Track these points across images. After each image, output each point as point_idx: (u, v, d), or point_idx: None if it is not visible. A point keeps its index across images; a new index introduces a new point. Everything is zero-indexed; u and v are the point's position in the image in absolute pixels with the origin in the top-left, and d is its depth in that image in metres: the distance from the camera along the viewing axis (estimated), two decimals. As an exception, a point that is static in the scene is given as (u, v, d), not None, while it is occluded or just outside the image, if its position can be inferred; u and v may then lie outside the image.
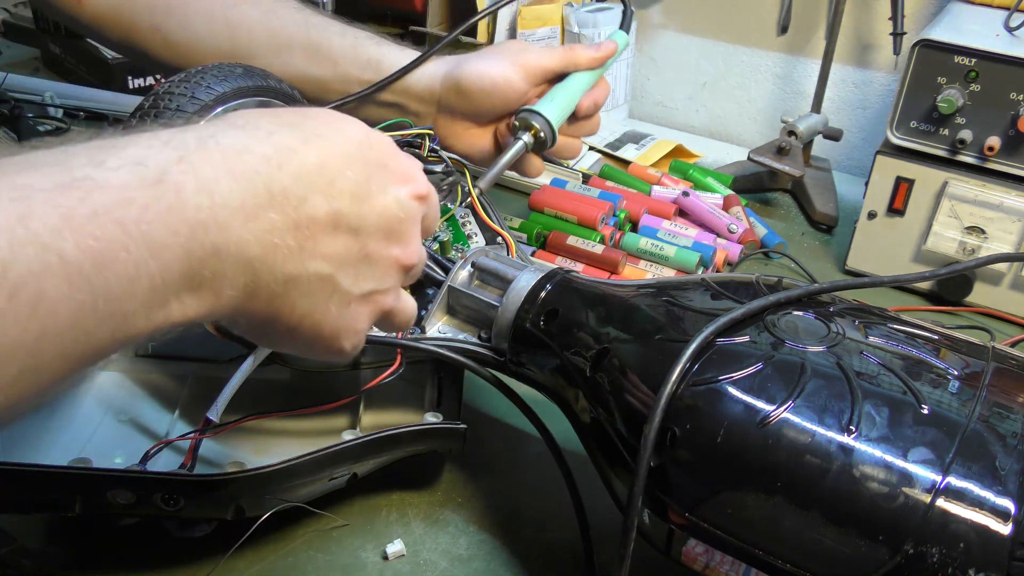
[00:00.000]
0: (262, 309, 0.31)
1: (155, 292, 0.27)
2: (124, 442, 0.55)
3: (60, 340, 0.24)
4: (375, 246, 0.35)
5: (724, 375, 0.40)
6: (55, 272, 0.24)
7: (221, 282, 0.29)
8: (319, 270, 0.32)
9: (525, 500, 0.56)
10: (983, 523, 0.33)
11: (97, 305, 0.25)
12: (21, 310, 0.23)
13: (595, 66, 0.66)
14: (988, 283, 0.77)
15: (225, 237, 0.28)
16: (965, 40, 0.71)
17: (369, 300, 0.37)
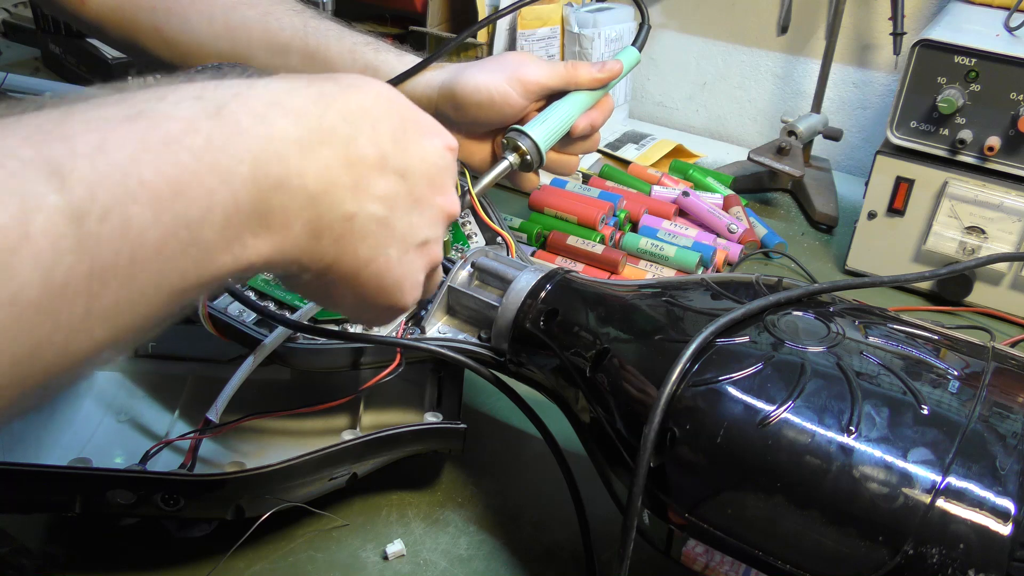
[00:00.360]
0: (327, 251, 0.32)
1: (229, 222, 0.28)
2: (124, 442, 0.55)
3: (150, 268, 0.25)
4: (421, 192, 0.36)
5: (724, 375, 0.40)
6: (138, 197, 0.24)
7: (287, 216, 0.30)
8: (375, 212, 0.33)
9: (525, 500, 0.56)
10: (983, 523, 0.33)
11: (179, 232, 0.26)
12: (113, 233, 0.24)
13: (596, 87, 0.63)
14: (988, 283, 0.77)
15: (286, 169, 0.29)
16: (965, 40, 0.71)
17: (424, 250, 0.37)
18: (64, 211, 0.22)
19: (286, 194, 0.29)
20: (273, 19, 0.65)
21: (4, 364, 0.22)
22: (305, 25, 0.65)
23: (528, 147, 0.60)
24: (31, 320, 0.22)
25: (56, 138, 0.24)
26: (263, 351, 0.51)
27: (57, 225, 0.22)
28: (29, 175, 0.22)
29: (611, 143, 1.05)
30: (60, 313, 0.23)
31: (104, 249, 0.24)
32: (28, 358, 0.23)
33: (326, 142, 0.31)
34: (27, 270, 0.22)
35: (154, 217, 0.25)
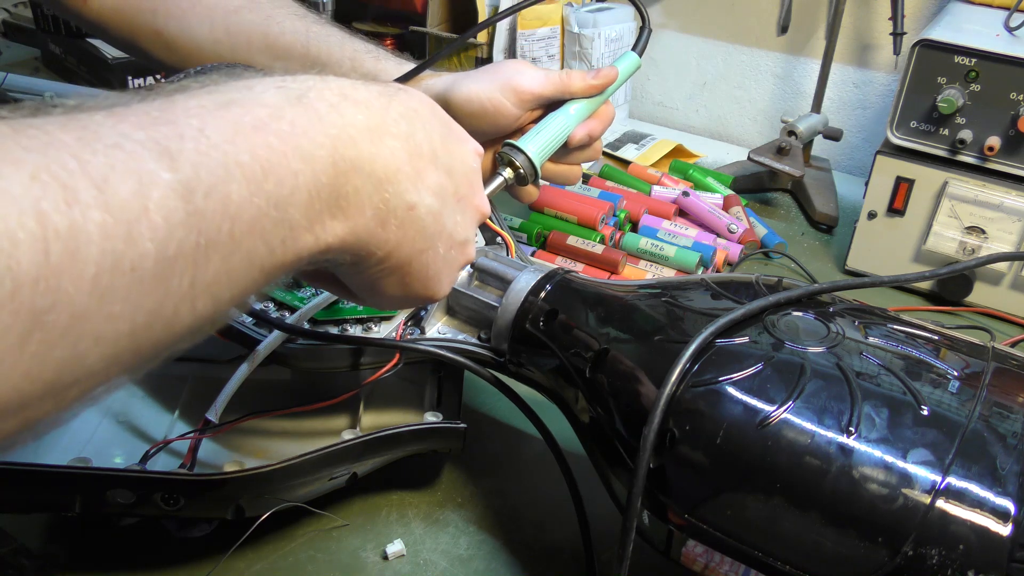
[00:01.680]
0: (391, 238, 0.34)
1: (312, 203, 0.30)
2: (124, 442, 0.55)
3: (245, 244, 0.27)
4: (464, 191, 0.39)
5: (724, 376, 0.40)
6: (236, 177, 0.26)
7: (360, 200, 0.32)
8: (431, 205, 0.36)
9: (525, 500, 0.56)
10: (983, 524, 0.33)
11: (270, 211, 0.28)
12: (215, 209, 0.25)
13: (591, 94, 0.61)
14: (988, 283, 0.77)
15: (358, 153, 0.31)
16: (965, 40, 0.71)
17: (463, 248, 0.40)
18: (175, 188, 0.24)
19: (359, 177, 0.32)
20: (274, 24, 0.65)
21: (124, 332, 0.23)
22: (307, 31, 0.65)
23: (522, 163, 0.58)
24: (148, 289, 0.24)
25: (163, 123, 0.26)
26: (263, 351, 0.51)
27: (169, 200, 0.24)
28: (144, 155, 0.24)
29: (611, 143, 1.05)
30: (171, 283, 0.25)
31: (208, 224, 0.25)
32: (144, 328, 0.24)
33: (390, 133, 0.33)
34: (145, 241, 0.23)
35: (249, 196, 0.27)
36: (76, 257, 0.21)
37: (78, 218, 0.21)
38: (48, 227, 0.21)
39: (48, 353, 0.21)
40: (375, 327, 0.54)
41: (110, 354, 0.23)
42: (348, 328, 0.53)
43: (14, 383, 0.21)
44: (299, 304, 0.54)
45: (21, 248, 0.20)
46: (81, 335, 0.22)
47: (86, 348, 0.22)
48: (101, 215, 0.22)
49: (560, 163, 0.63)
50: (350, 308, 0.54)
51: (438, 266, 0.38)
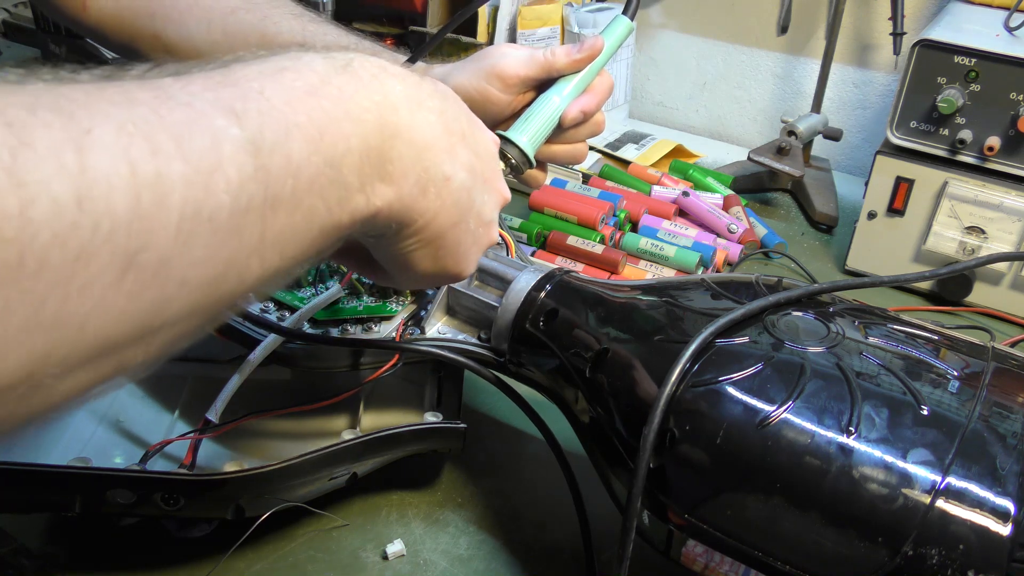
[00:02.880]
0: (431, 207, 0.35)
1: (362, 165, 0.31)
2: (124, 442, 0.55)
3: (305, 201, 0.28)
4: (489, 174, 0.40)
5: (724, 376, 0.40)
6: (295, 136, 0.28)
7: (404, 167, 0.33)
8: (464, 180, 0.37)
9: (525, 500, 0.56)
10: (983, 524, 0.33)
11: (326, 170, 0.29)
12: (279, 165, 0.27)
13: (578, 69, 0.58)
14: (988, 283, 0.77)
15: (400, 120, 0.33)
16: (965, 40, 0.71)
17: (489, 228, 0.41)
18: (243, 144, 0.26)
19: (402, 143, 0.33)
20: (271, 23, 0.65)
21: (204, 280, 0.25)
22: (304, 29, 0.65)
23: (514, 154, 0.56)
24: (223, 239, 0.25)
25: (226, 85, 0.27)
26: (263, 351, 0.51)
27: (239, 155, 0.25)
28: (213, 113, 0.25)
29: (611, 143, 1.05)
30: (243, 234, 0.26)
31: (273, 179, 0.27)
32: (221, 277, 0.26)
33: (425, 106, 0.35)
34: (221, 192, 0.25)
35: (307, 155, 0.28)
36: (162, 204, 0.23)
37: (162, 167, 0.23)
38: (137, 174, 0.22)
39: (141, 293, 0.23)
40: (375, 327, 0.54)
41: (193, 301, 0.25)
42: (348, 328, 0.53)
43: (113, 322, 0.22)
44: (299, 304, 0.54)
45: (116, 193, 0.21)
46: (168, 278, 0.23)
47: (173, 292, 0.24)
48: (182, 166, 0.23)
49: (562, 143, 0.61)
50: (350, 308, 0.54)
51: (468, 243, 0.39)
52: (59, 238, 0.20)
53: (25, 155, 0.20)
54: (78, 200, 0.21)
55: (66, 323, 0.21)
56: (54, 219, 0.20)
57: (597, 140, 1.05)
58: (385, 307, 0.54)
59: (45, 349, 0.21)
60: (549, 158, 0.60)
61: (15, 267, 0.19)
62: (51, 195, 0.20)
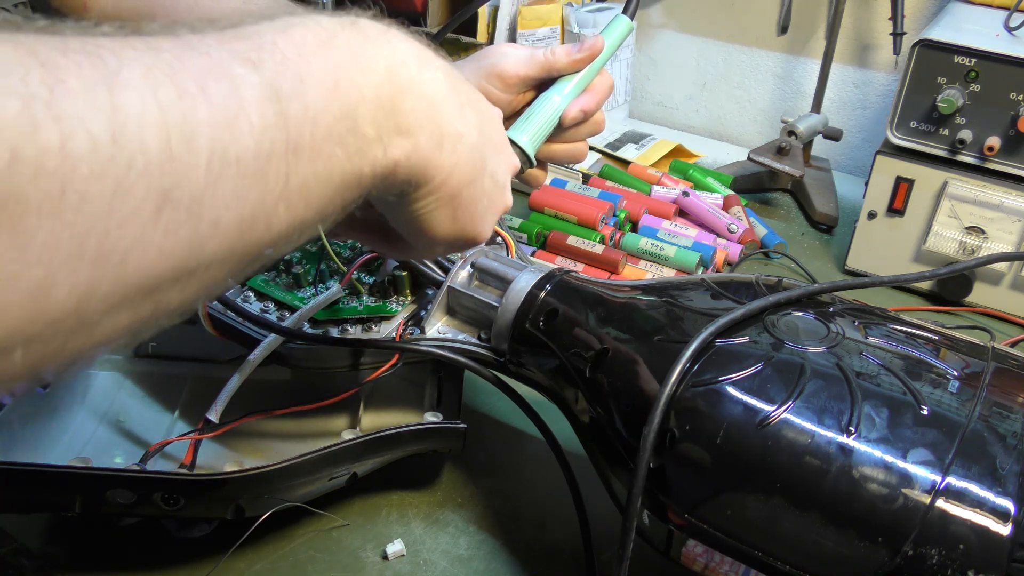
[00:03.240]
0: (446, 162, 0.36)
1: (376, 116, 0.31)
2: (124, 442, 0.55)
3: (325, 150, 0.29)
4: (496, 140, 0.41)
5: (724, 376, 0.40)
6: (310, 84, 0.28)
7: (418, 121, 0.34)
8: (475, 138, 0.38)
9: (525, 500, 0.56)
10: (983, 524, 0.33)
11: (343, 120, 0.30)
12: (298, 113, 0.28)
13: (578, 68, 0.58)
14: (988, 283, 0.77)
15: (410, 75, 0.33)
16: (965, 40, 0.71)
17: (503, 192, 0.42)
18: (263, 90, 0.26)
19: (413, 97, 0.33)
20: None
21: (234, 223, 0.26)
22: None
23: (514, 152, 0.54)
24: (251, 183, 0.26)
25: (240, 39, 0.28)
26: (262, 351, 0.51)
27: (260, 101, 0.26)
28: (232, 62, 0.26)
29: (611, 143, 1.05)
30: (269, 179, 0.27)
31: (292, 126, 0.27)
32: (250, 222, 0.26)
33: (432, 65, 0.35)
34: (244, 136, 0.25)
35: (324, 104, 0.29)
36: (190, 144, 0.23)
37: (188, 110, 0.24)
38: (166, 115, 0.23)
39: (176, 231, 0.24)
40: (375, 327, 0.54)
41: (225, 244, 0.26)
42: (348, 328, 0.53)
43: (151, 259, 0.23)
44: (299, 304, 0.54)
45: (147, 131, 0.22)
46: (201, 218, 0.24)
47: (206, 232, 0.25)
48: (207, 109, 0.24)
49: (563, 142, 0.61)
50: (350, 308, 0.54)
51: (484, 203, 0.40)
52: (97, 173, 0.21)
53: (61, 92, 0.21)
54: (113, 136, 0.21)
55: (108, 258, 0.22)
56: (91, 154, 0.21)
57: (597, 140, 1.05)
58: (385, 307, 0.54)
59: (90, 283, 0.22)
60: (549, 157, 0.60)
61: (58, 199, 0.20)
62: (87, 130, 0.21)
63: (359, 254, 0.58)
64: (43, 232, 0.20)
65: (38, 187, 0.20)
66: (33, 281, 0.20)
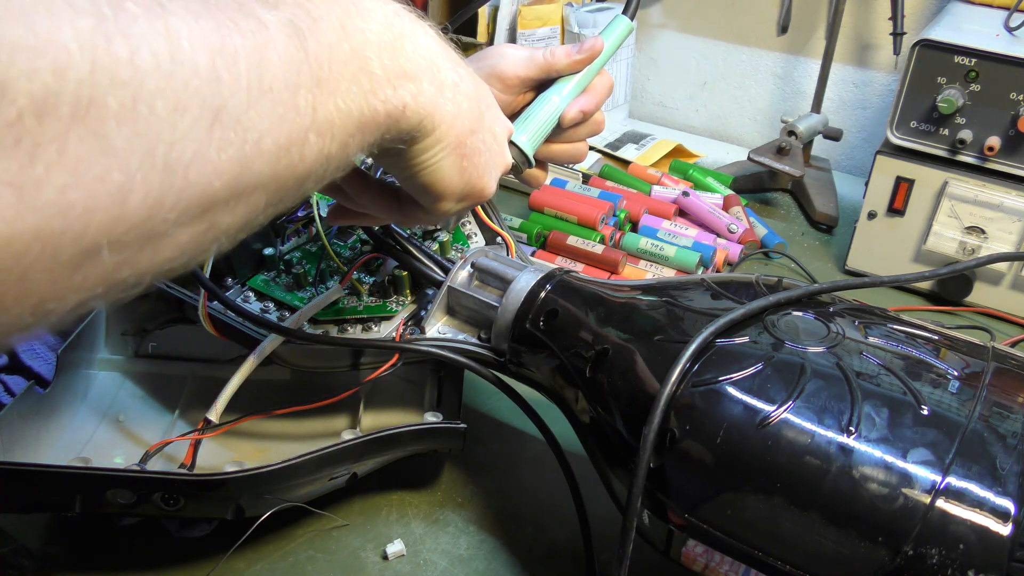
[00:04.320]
0: (449, 107, 0.38)
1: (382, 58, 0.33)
2: (124, 442, 0.55)
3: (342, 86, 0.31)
4: (489, 102, 0.43)
5: (724, 376, 0.40)
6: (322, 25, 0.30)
7: (419, 66, 0.36)
8: (471, 89, 0.40)
9: (525, 500, 0.56)
10: (983, 524, 0.33)
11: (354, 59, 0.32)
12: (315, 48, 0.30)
13: (577, 69, 0.58)
14: (988, 283, 0.77)
15: (404, 27, 0.36)
16: (965, 40, 0.71)
17: (503, 149, 0.45)
18: (284, 28, 0.28)
19: (411, 44, 0.36)
20: None
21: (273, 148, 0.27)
22: None
23: (514, 154, 0.55)
24: (283, 111, 0.28)
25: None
26: (262, 352, 0.51)
27: (284, 35, 0.28)
28: (252, 4, 0.28)
29: (611, 143, 1.05)
30: (299, 108, 0.28)
31: (312, 60, 0.29)
32: (286, 148, 0.28)
33: (421, 28, 0.37)
34: (275, 65, 0.27)
35: (335, 42, 0.31)
36: (231, 69, 0.25)
37: (226, 37, 0.26)
38: (210, 41, 0.25)
39: (227, 149, 0.25)
40: (375, 327, 0.54)
41: (267, 167, 0.27)
42: (348, 328, 0.53)
43: (208, 174, 0.25)
44: (299, 304, 0.54)
45: (197, 54, 0.24)
46: (246, 139, 0.26)
47: (251, 153, 0.26)
48: (241, 39, 0.26)
49: (562, 143, 0.61)
50: (350, 308, 0.54)
51: (487, 155, 0.42)
52: (161, 88, 0.23)
53: (124, 15, 0.22)
54: (171, 55, 0.23)
55: (174, 169, 0.23)
56: (155, 70, 0.23)
57: (597, 140, 1.05)
58: (385, 307, 0.54)
59: (160, 192, 0.23)
60: (549, 158, 0.60)
61: (132, 108, 0.22)
62: (151, 48, 0.23)
63: (359, 254, 0.58)
64: (121, 139, 0.22)
65: (115, 95, 0.21)
66: (115, 184, 0.22)
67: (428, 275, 0.54)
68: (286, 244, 0.59)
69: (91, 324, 0.60)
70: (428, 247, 0.57)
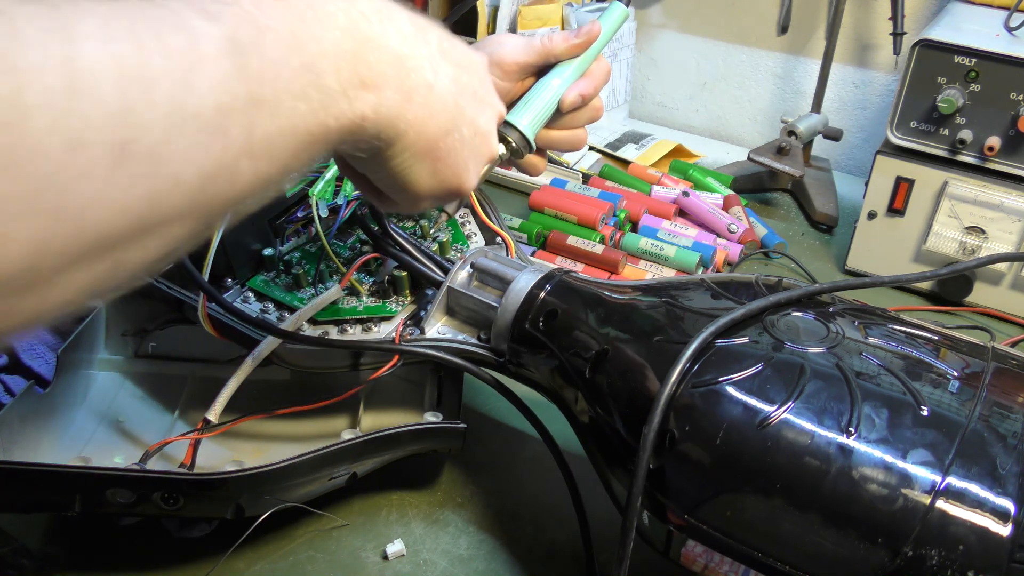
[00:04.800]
0: (417, 114, 0.36)
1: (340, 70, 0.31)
2: (124, 442, 0.55)
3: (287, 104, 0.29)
4: (478, 87, 0.41)
5: (724, 376, 0.40)
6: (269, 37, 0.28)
7: (383, 75, 0.33)
8: (449, 87, 0.38)
9: (525, 500, 0.56)
10: (983, 524, 0.33)
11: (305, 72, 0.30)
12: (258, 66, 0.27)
13: (576, 54, 0.58)
14: (988, 283, 0.77)
15: (371, 28, 0.33)
16: (965, 40, 0.71)
17: (486, 139, 0.42)
18: (221, 43, 0.26)
19: (377, 50, 0.33)
20: None
21: (195, 178, 0.25)
22: None
23: (514, 137, 0.56)
24: (210, 137, 0.26)
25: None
26: (262, 352, 0.51)
27: (220, 52, 0.26)
28: (189, 15, 0.26)
29: (611, 143, 1.05)
30: (230, 133, 0.26)
31: (253, 79, 0.27)
32: (211, 177, 0.26)
33: (397, 17, 0.35)
34: (203, 88, 0.25)
35: (284, 57, 0.29)
36: (148, 97, 0.23)
37: (145, 61, 0.23)
38: (123, 67, 0.23)
39: (135, 185, 0.23)
40: (375, 327, 0.54)
41: (186, 199, 0.25)
42: (348, 329, 0.53)
43: (110, 213, 0.23)
44: (299, 304, 0.54)
45: (104, 83, 0.22)
46: (159, 173, 0.24)
47: (166, 187, 0.24)
48: (163, 61, 0.24)
49: (561, 129, 0.61)
50: (350, 308, 0.54)
51: (465, 153, 0.40)
52: (53, 125, 0.21)
53: (16, 42, 0.20)
54: (69, 89, 0.21)
55: (64, 212, 0.21)
56: (47, 106, 0.21)
57: (597, 140, 1.05)
58: (385, 307, 0.54)
59: (45, 238, 0.21)
60: (549, 145, 0.60)
61: (10, 152, 0.20)
62: (43, 82, 0.21)
63: (359, 254, 0.58)
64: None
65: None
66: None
67: (427, 275, 0.54)
68: (286, 244, 0.59)
69: (91, 324, 0.60)
70: (428, 247, 0.57)
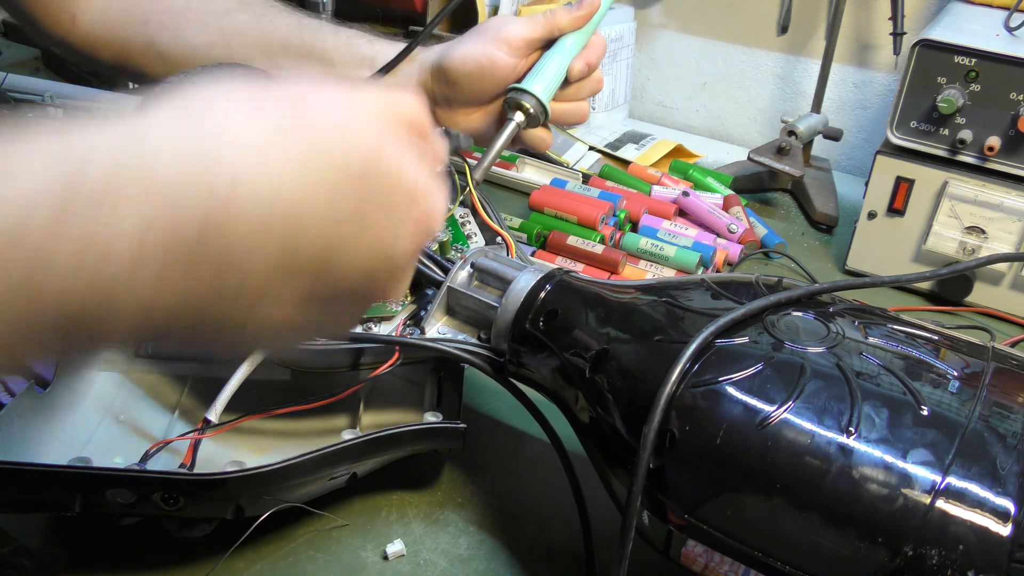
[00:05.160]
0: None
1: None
2: (124, 442, 0.55)
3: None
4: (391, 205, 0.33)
5: (724, 376, 0.40)
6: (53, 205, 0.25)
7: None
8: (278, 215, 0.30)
9: (525, 500, 0.56)
10: (983, 524, 0.33)
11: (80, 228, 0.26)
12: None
13: (579, 26, 0.62)
14: (988, 283, 0.77)
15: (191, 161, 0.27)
16: (965, 40, 0.71)
17: (403, 271, 0.35)
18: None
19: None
20: (267, 20, 0.65)
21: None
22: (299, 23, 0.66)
23: (531, 103, 0.60)
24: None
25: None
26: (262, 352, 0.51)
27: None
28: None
29: (611, 143, 1.05)
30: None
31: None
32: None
33: (228, 138, 0.28)
34: None
35: (56, 218, 0.26)
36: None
37: None
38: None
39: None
40: (375, 327, 0.54)
41: None
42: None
43: None
44: (299, 304, 0.54)
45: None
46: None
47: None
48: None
49: (566, 101, 0.64)
50: (350, 308, 0.54)
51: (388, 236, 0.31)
52: None
53: None
54: None
55: None
56: None
57: (597, 140, 1.05)
58: (384, 307, 0.54)
59: None
60: (556, 118, 0.63)
61: None
62: None
63: (359, 254, 0.58)
64: None
65: None
66: None
67: (428, 275, 0.54)
68: (286, 244, 0.59)
69: (91, 324, 0.60)
70: (428, 247, 0.57)
